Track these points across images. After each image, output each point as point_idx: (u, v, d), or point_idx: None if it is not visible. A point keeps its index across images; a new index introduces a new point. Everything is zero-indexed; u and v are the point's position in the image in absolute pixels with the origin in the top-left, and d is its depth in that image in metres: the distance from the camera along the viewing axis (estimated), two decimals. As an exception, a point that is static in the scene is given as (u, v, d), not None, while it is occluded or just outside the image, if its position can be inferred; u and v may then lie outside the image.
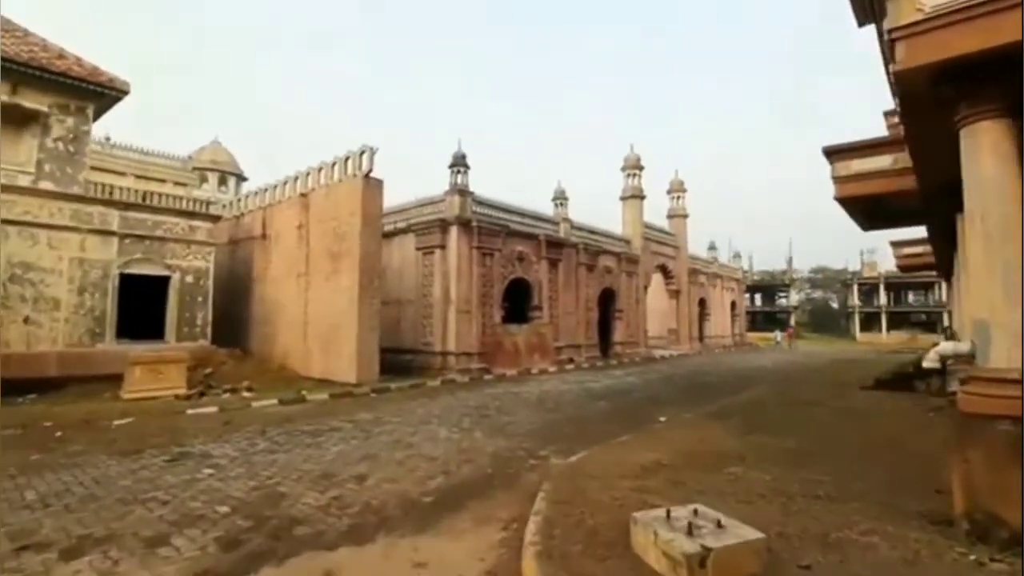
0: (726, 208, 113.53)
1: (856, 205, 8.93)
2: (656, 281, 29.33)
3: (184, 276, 14.07)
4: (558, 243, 20.83)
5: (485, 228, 17.63)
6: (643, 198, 26.93)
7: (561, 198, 22.60)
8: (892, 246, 19.93)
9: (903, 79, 4.10)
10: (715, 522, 3.38)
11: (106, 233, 12.84)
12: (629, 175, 26.90)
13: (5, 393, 9.81)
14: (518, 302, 19.34)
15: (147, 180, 19.83)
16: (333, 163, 14.88)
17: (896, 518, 4.21)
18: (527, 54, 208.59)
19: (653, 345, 27.77)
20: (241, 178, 30.50)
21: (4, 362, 10.24)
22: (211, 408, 9.99)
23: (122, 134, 22.97)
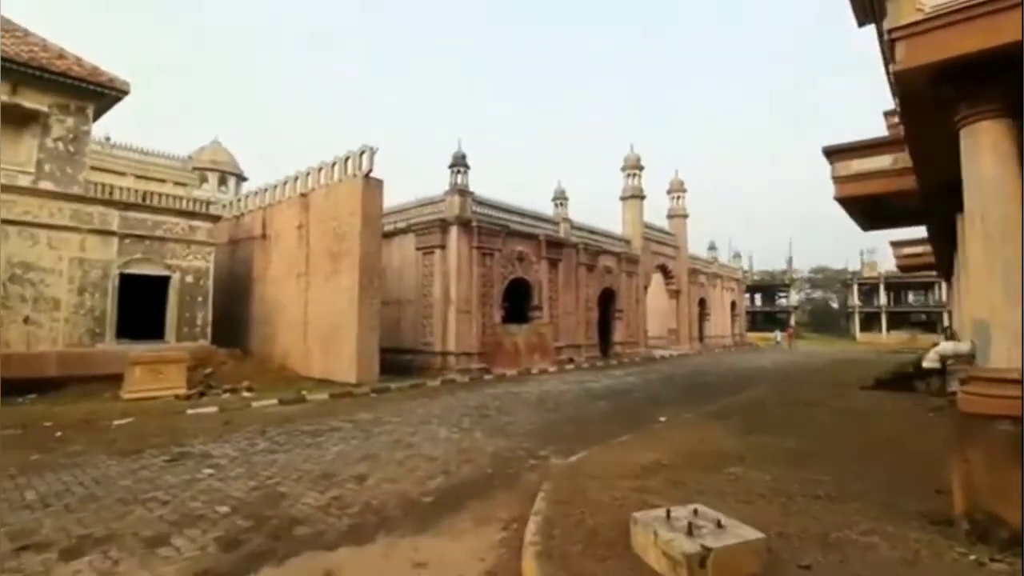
0: (726, 208, 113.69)
1: (856, 205, 8.93)
2: (656, 281, 29.33)
3: (184, 276, 14.08)
4: (558, 243, 20.83)
5: (485, 228, 17.64)
6: (643, 198, 26.93)
7: (561, 198, 22.59)
8: (892, 246, 19.93)
9: (903, 79, 4.10)
10: (715, 522, 3.38)
11: (106, 233, 12.85)
12: (629, 175, 26.90)
13: (5, 393, 9.81)
14: (518, 302, 19.34)
15: (147, 180, 19.84)
16: (333, 163, 14.88)
17: (896, 518, 4.21)
18: (527, 54, 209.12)
19: (653, 345, 27.77)
20: (241, 178, 30.50)
21: (4, 362, 10.25)
22: (211, 408, 10.00)
23: (123, 134, 22.99)
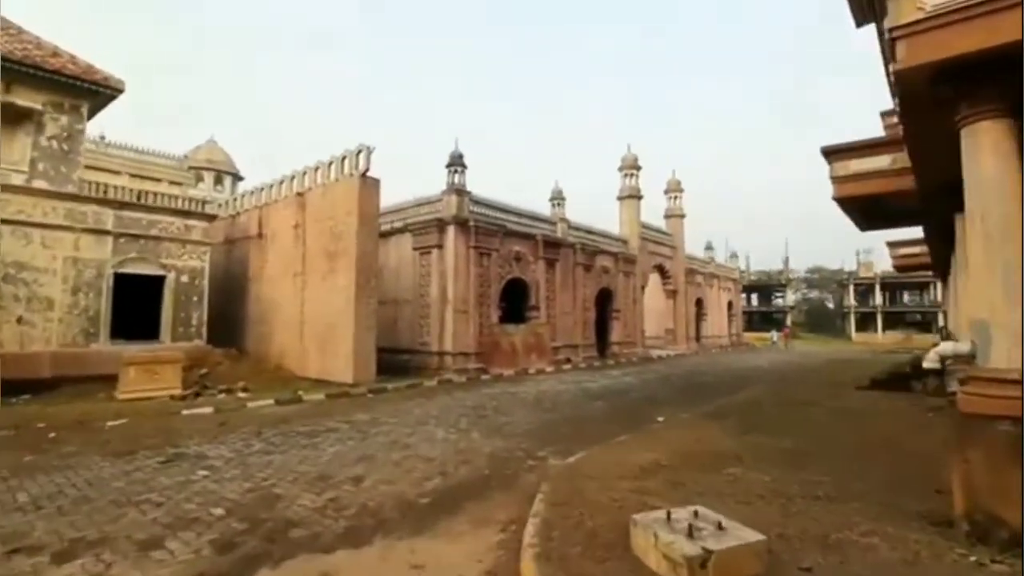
0: (724, 208, 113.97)
1: (854, 205, 8.94)
2: (653, 281, 29.34)
3: (179, 276, 13.99)
4: (555, 243, 20.80)
5: (482, 228, 17.60)
6: (640, 198, 26.93)
7: (558, 198, 22.58)
8: (889, 246, 19.99)
9: (903, 78, 4.08)
10: (716, 524, 3.36)
11: (100, 232, 12.75)
12: (626, 175, 26.90)
13: (-2, 394, 9.72)
14: (515, 302, 19.31)
15: (142, 179, 19.70)
16: (330, 162, 14.81)
17: (896, 519, 4.20)
18: (527, 54, 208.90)
19: (650, 345, 27.79)
20: (237, 177, 30.36)
21: (-3, 362, 10.15)
22: (206, 409, 9.93)
23: (124, 134, 22.80)
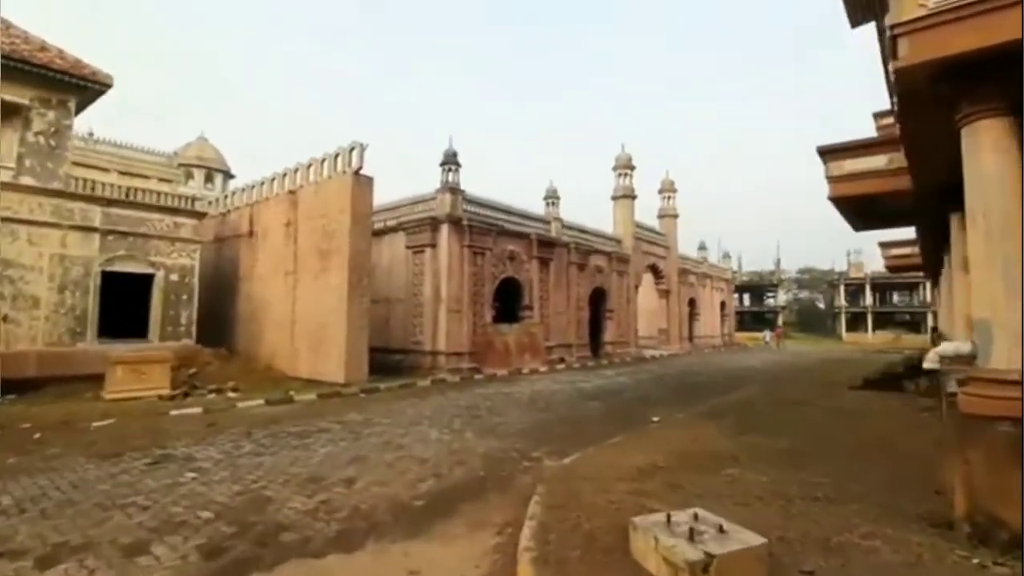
0: (717, 208, 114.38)
1: (849, 205, 8.93)
2: (646, 281, 29.36)
3: (168, 274, 13.79)
4: (549, 242, 20.74)
5: (476, 227, 17.51)
6: (634, 198, 26.92)
7: (552, 197, 22.49)
8: (881, 247, 20.11)
9: (904, 76, 4.03)
10: (717, 527, 3.30)
11: (87, 229, 12.53)
12: (620, 175, 26.88)
13: (-19, 394, 9.53)
14: (509, 301, 19.24)
15: (131, 176, 19.51)
16: (322, 160, 14.66)
17: (896, 520, 4.16)
18: (527, 54, 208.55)
19: (643, 345, 27.81)
20: (228, 175, 30.06)
21: (-20, 362, 9.96)
22: (195, 409, 9.77)
23: (112, 130, 22.52)
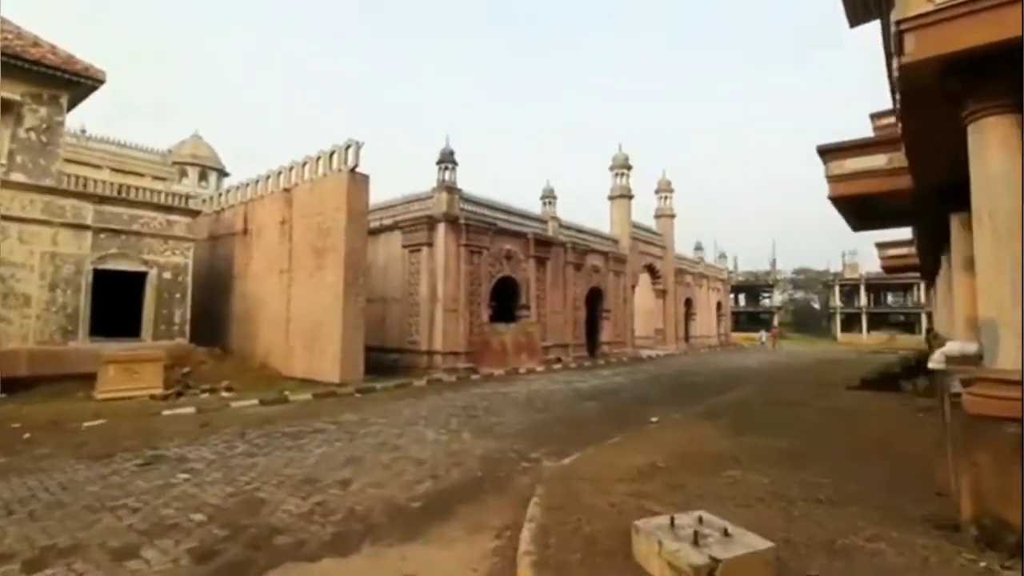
0: (713, 209, 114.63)
1: (849, 205, 8.88)
2: (643, 281, 29.32)
3: (161, 272, 13.64)
4: (546, 241, 20.67)
5: (473, 226, 17.41)
6: (631, 197, 26.88)
7: (549, 196, 22.42)
8: (877, 247, 20.12)
9: (911, 72, 3.97)
10: (721, 530, 3.23)
11: (79, 227, 12.37)
12: (617, 175, 26.84)
13: (-31, 393, 9.37)
14: (506, 301, 19.15)
15: (124, 173, 19.21)
16: (318, 157, 14.53)
17: (900, 523, 4.11)
18: (527, 54, 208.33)
19: (640, 345, 27.77)
20: (223, 173, 29.78)
21: (-31, 361, 9.79)
22: (188, 409, 9.65)
23: (105, 127, 22.29)
